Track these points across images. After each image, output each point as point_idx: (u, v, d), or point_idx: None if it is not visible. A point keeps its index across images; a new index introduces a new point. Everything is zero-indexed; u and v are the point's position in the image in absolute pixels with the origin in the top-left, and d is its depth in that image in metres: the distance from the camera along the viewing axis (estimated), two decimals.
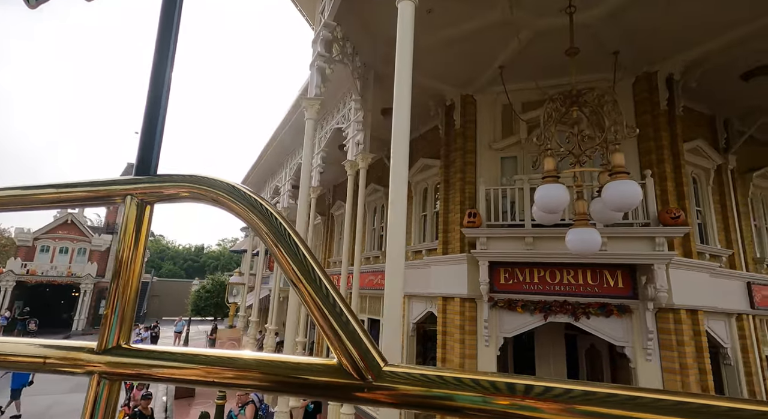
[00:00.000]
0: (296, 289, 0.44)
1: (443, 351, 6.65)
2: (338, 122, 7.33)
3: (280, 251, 0.45)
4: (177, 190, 0.50)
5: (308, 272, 0.44)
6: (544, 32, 5.50)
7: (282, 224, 0.46)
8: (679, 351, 5.32)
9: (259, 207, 0.47)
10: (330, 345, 0.43)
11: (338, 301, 0.43)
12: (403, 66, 2.35)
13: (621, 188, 3.56)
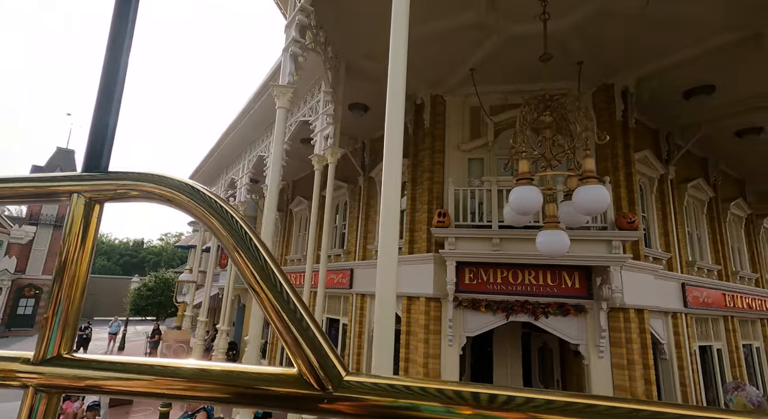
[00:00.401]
0: (256, 295, 0.42)
1: (406, 350, 6.61)
2: (305, 114, 7.04)
3: (240, 255, 0.43)
4: (130, 188, 0.47)
5: (269, 277, 0.43)
6: (516, 38, 5.62)
7: (243, 228, 0.45)
8: (627, 347, 5.67)
9: (219, 209, 0.45)
10: (289, 353, 0.41)
11: (299, 307, 0.42)
12: (398, 54, 2.22)
13: (591, 192, 3.68)
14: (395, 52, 2.29)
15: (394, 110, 2.17)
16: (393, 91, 2.24)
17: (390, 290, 1.99)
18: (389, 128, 2.17)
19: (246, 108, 8.91)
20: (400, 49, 2.27)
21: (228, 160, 11.96)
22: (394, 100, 2.20)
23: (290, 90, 4.40)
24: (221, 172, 12.92)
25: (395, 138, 2.14)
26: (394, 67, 2.26)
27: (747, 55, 5.61)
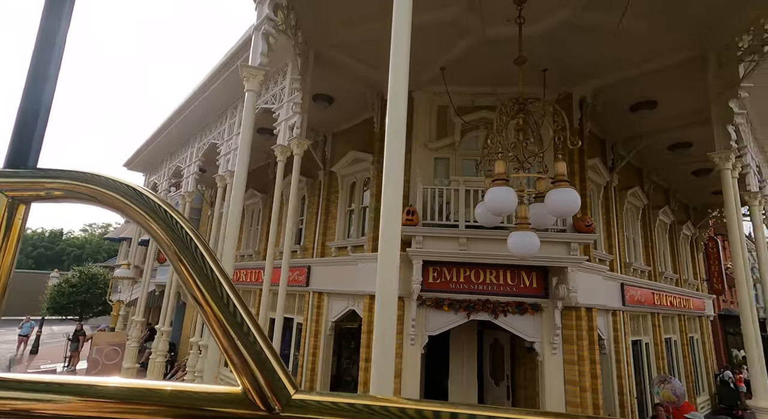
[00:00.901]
0: (199, 308, 0.40)
1: (368, 350, 6.47)
2: (267, 101, 6.62)
3: (184, 265, 0.41)
4: (60, 188, 0.44)
5: (215, 289, 0.41)
6: (489, 40, 5.68)
7: (188, 235, 0.42)
8: (578, 344, 5.99)
9: (161, 214, 0.43)
10: (234, 371, 0.39)
11: (246, 320, 0.40)
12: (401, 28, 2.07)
13: (563, 195, 3.78)
14: (397, 42, 2.13)
15: (397, 99, 2.01)
16: (395, 81, 2.08)
17: (391, 291, 1.83)
18: (392, 114, 2.01)
19: (198, 91, 8.21)
20: (403, 40, 2.11)
21: (173, 146, 11.01)
22: (397, 90, 2.04)
23: (261, 72, 4.05)
24: (165, 159, 11.88)
25: (398, 126, 1.98)
26: (395, 57, 2.10)
27: (689, 74, 6.13)
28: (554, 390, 5.86)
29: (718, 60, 5.31)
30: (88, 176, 0.44)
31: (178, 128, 9.97)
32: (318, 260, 8.53)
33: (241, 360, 0.39)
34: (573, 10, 4.97)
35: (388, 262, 1.83)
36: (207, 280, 0.41)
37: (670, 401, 7.12)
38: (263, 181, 11.65)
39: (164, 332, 8.48)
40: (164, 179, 11.78)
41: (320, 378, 7.81)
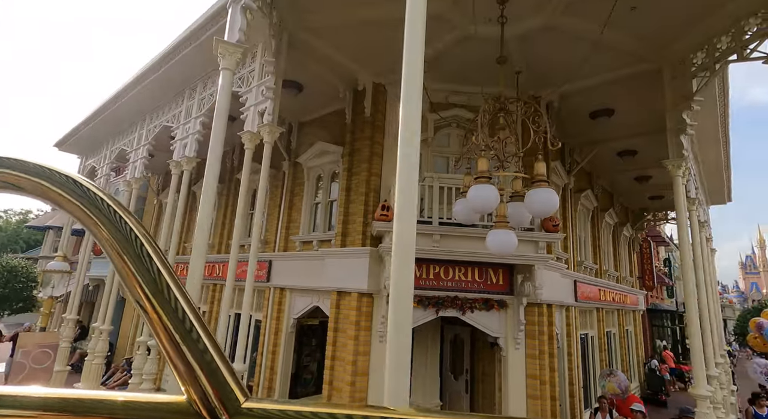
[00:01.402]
0: (143, 312, 0.37)
1: (334, 348, 6.30)
2: (237, 81, 6.15)
3: (127, 264, 0.37)
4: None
5: (161, 291, 0.37)
6: (470, 38, 5.68)
7: (133, 231, 0.39)
8: (539, 339, 6.23)
9: (103, 208, 0.39)
10: (178, 379, 0.36)
11: (196, 325, 0.37)
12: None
13: (543, 195, 3.85)
14: (412, 29, 1.99)
15: (410, 100, 1.88)
16: (410, 60, 1.94)
17: (407, 298, 1.70)
18: (406, 114, 1.87)
19: (153, 67, 7.47)
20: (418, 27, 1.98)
21: (118, 127, 10.00)
22: (411, 86, 1.90)
23: (239, 50, 3.70)
24: (107, 140, 10.76)
25: (412, 127, 1.84)
26: (410, 51, 1.96)
27: (645, 86, 6.54)
28: (516, 384, 6.06)
29: (673, 74, 5.70)
30: (13, 163, 0.39)
31: (125, 107, 9.04)
32: (280, 255, 8.17)
33: (188, 368, 0.36)
34: (552, 13, 5.09)
35: (404, 268, 1.69)
36: (153, 282, 0.38)
37: (614, 393, 7.60)
38: (220, 169, 10.98)
39: (103, 331, 7.69)
40: (105, 163, 10.67)
41: (280, 378, 7.51)
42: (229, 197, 10.45)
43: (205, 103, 6.75)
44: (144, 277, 0.38)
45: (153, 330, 0.37)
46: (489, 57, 5.95)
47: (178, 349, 0.37)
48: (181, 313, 0.38)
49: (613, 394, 7.65)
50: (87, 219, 0.39)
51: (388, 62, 6.56)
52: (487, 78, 6.81)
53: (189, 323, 0.38)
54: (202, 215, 3.49)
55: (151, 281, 0.38)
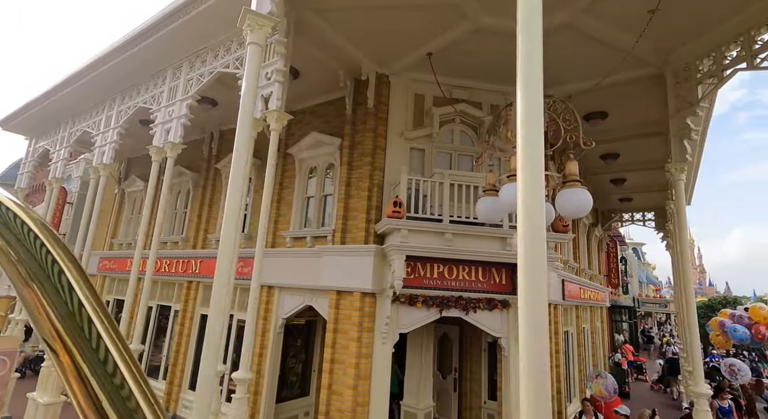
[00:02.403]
0: (52, 352, 0.31)
1: (333, 350, 5.97)
2: (228, 64, 5.62)
3: (36, 293, 0.31)
4: None
5: (79, 328, 0.31)
6: (483, 31, 5.49)
7: (50, 253, 0.32)
8: None
9: (10, 223, 0.31)
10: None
11: (121, 367, 0.32)
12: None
13: (577, 196, 3.75)
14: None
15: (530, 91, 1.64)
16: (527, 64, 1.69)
17: (541, 302, 1.46)
18: (525, 106, 1.63)
19: (128, 43, 6.70)
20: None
21: (80, 106, 8.99)
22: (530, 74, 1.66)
23: (270, 23, 3.28)
24: (65, 121, 9.66)
25: (535, 124, 1.61)
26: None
27: (644, 90, 6.69)
28: (518, 384, 6.01)
29: (676, 79, 5.83)
30: None
31: (89, 85, 8.11)
32: (268, 251, 7.66)
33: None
34: (574, 11, 5.00)
35: (537, 272, 1.45)
36: (70, 316, 0.31)
37: (601, 396, 7.57)
38: (194, 157, 10.25)
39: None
40: (62, 146, 9.57)
41: (267, 381, 7.07)
42: (207, 189, 9.75)
43: (193, 85, 6.13)
44: (59, 310, 0.31)
45: (63, 377, 0.31)
46: (497, 51, 5.84)
47: (92, 399, 0.30)
48: (103, 352, 0.31)
49: (600, 397, 7.58)
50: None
51: (395, 51, 6.27)
52: (491, 74, 6.71)
53: (112, 364, 0.31)
54: (231, 207, 3.08)
55: (67, 313, 0.31)
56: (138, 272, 6.24)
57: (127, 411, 0.31)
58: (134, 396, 0.32)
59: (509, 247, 5.52)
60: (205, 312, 8.82)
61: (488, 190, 4.48)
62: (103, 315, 0.33)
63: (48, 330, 0.31)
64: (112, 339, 0.33)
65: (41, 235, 0.32)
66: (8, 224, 0.32)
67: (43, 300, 0.32)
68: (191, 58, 6.34)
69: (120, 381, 0.32)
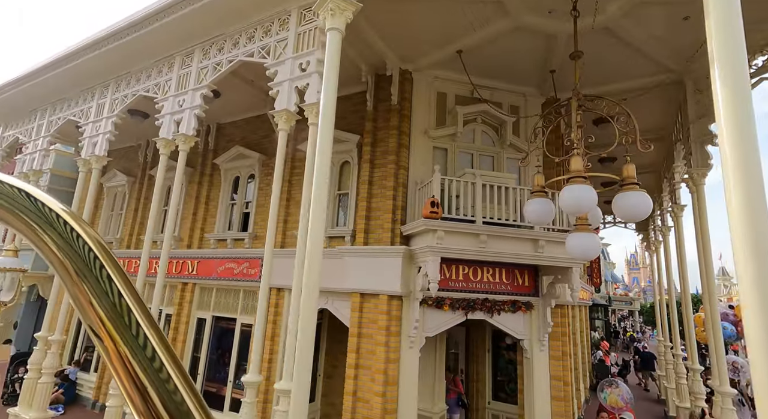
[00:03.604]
0: (99, 342, 0.32)
1: (357, 355, 5.73)
2: (252, 52, 5.25)
3: (81, 287, 0.33)
4: None
5: (120, 316, 0.33)
6: (521, 29, 5.42)
7: (92, 251, 0.35)
8: (562, 340, 6.25)
9: (54, 223, 0.35)
10: (135, 414, 0.32)
11: (165, 360, 0.33)
12: None
13: (636, 199, 3.71)
14: None
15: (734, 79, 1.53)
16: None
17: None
18: (730, 103, 1.51)
19: (128, 27, 6.16)
20: None
21: (62, 92, 8.24)
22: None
23: (351, 8, 3.00)
24: (43, 108, 8.82)
25: (747, 125, 1.49)
26: None
27: (657, 96, 6.85)
28: (541, 386, 6.01)
29: (696, 86, 5.99)
30: None
31: (78, 70, 7.42)
32: (278, 251, 7.29)
33: (150, 411, 0.31)
34: (614, 13, 5.01)
35: None
36: (113, 308, 0.33)
37: (617, 407, 6.79)
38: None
39: (53, 342, 6.25)
40: (40, 135, 8.74)
41: None
42: (203, 185, 9.21)
43: (208, 74, 5.70)
44: (103, 301, 0.33)
45: (108, 361, 0.32)
46: (526, 51, 5.79)
47: (142, 389, 0.31)
48: (149, 347, 0.33)
49: (616, 408, 6.76)
50: (39, 239, 0.34)
51: (423, 47, 6.10)
52: (513, 74, 6.67)
53: (151, 350, 0.33)
54: (318, 198, 2.80)
55: (110, 305, 0.33)
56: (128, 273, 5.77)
57: (167, 393, 0.32)
58: (172, 380, 0.33)
59: (541, 249, 5.48)
60: (203, 316, 8.34)
61: (537, 191, 4.40)
62: (139, 305, 0.35)
63: (94, 319, 0.33)
64: (149, 326, 0.34)
65: (83, 234, 0.35)
66: (53, 224, 0.35)
67: (88, 293, 0.34)
68: (204, 46, 5.90)
69: (159, 365, 0.33)
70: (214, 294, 8.28)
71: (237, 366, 7.58)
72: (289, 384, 4.07)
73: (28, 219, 0.34)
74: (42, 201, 0.36)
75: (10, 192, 0.35)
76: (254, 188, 8.26)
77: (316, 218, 2.80)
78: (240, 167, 8.59)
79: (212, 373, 8.14)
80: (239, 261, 7.65)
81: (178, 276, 8.65)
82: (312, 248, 2.79)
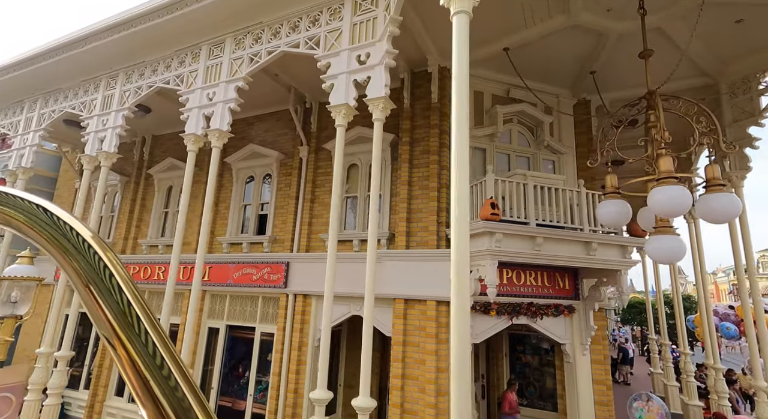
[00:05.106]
0: (111, 348, 0.35)
1: (402, 365, 5.44)
2: (297, 43, 4.90)
3: (92, 295, 0.36)
4: None
5: (131, 325, 0.35)
6: (575, 28, 5.32)
7: (102, 260, 0.37)
8: (602, 343, 6.19)
9: (69, 235, 0.38)
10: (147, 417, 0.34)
11: (167, 360, 0.35)
12: None
13: (725, 201, 3.63)
14: None
15: None
16: None
17: None
18: None
19: (148, 13, 5.65)
20: None
21: (60, 82, 7.53)
22: None
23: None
24: (32, 98, 8.04)
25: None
26: None
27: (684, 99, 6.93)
28: (585, 391, 5.91)
29: (732, 91, 6.09)
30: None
31: (80, 57, 6.80)
32: (302, 255, 6.91)
33: (156, 406, 0.33)
34: (670, 15, 4.99)
35: None
36: (123, 314, 0.35)
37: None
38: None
39: (60, 359, 5.61)
40: (30, 129, 7.96)
41: (306, 403, 6.33)
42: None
43: (243, 65, 5.29)
44: (113, 309, 0.35)
45: (121, 369, 0.34)
46: (570, 51, 5.72)
47: (147, 388, 0.34)
48: (151, 347, 0.35)
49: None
50: (53, 249, 0.37)
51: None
52: (550, 75, 6.60)
53: (160, 358, 0.35)
54: (460, 191, 2.52)
55: (120, 312, 0.35)
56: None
57: (176, 399, 0.34)
58: (180, 387, 0.34)
59: (593, 251, 5.38)
60: (215, 325, 7.81)
61: (610, 193, 4.28)
62: (148, 313, 0.37)
63: (106, 326, 0.35)
64: (158, 334, 0.36)
65: (94, 244, 0.37)
66: (66, 235, 0.37)
67: (99, 300, 0.35)
68: (237, 35, 5.49)
69: (167, 372, 0.34)
70: (228, 302, 7.77)
71: (257, 379, 7.11)
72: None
73: (43, 230, 0.37)
74: (53, 212, 0.38)
75: (28, 207, 0.38)
76: (273, 189, 7.81)
77: (460, 227, 2.52)
78: (254, 166, 8.13)
79: (226, 386, 7.62)
80: (259, 266, 7.20)
81: (187, 283, 8.07)
82: (458, 253, 2.50)
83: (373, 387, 7.71)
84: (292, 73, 6.83)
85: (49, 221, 0.38)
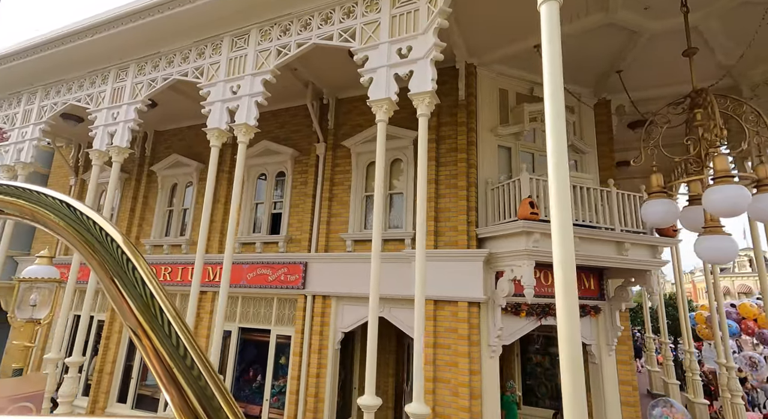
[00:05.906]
0: (137, 338, 0.36)
1: (433, 368, 5.31)
2: (330, 35, 4.72)
3: (117, 288, 0.36)
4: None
5: (155, 317, 0.36)
6: (609, 26, 5.26)
7: (125, 254, 0.38)
8: (627, 344, 6.17)
9: (93, 230, 0.39)
10: (173, 406, 0.35)
11: (190, 351, 0.36)
12: None
13: None
14: None
15: None
16: None
17: None
18: None
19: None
20: None
21: (63, 72, 7.17)
22: None
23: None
24: (31, 89, 7.65)
25: None
26: None
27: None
28: (611, 392, 5.88)
29: (753, 92, 6.13)
30: (6, 188, 0.41)
31: (88, 47, 6.47)
32: (321, 256, 6.72)
33: (182, 396, 0.34)
34: (706, 15, 4.97)
35: None
36: (147, 307, 0.36)
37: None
38: (194, 145, 8.84)
39: (71, 364, 5.31)
40: (28, 123, 7.56)
41: (327, 407, 6.15)
42: (220, 182, 8.38)
43: (271, 57, 5.08)
44: (138, 302, 0.36)
45: (147, 358, 0.35)
46: (600, 49, 5.68)
47: (171, 376, 0.35)
48: (174, 338, 0.36)
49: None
50: (79, 244, 0.38)
51: (495, 41, 5.82)
52: (575, 73, 6.55)
53: (183, 348, 0.36)
54: (560, 186, 2.39)
55: (144, 305, 0.36)
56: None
57: (199, 388, 0.34)
58: (203, 377, 0.35)
59: (625, 251, 5.34)
60: (227, 328, 7.53)
61: (655, 192, 4.23)
62: (170, 305, 0.37)
63: (131, 318, 0.35)
64: (180, 325, 0.36)
65: (117, 239, 0.38)
66: (90, 230, 0.38)
67: (124, 293, 0.36)
68: (263, 26, 5.27)
69: (190, 362, 0.35)
70: (240, 303, 7.52)
71: (273, 383, 6.89)
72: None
73: (69, 225, 0.38)
74: (77, 208, 0.39)
75: (53, 203, 0.39)
76: (287, 187, 7.59)
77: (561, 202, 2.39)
78: (267, 163, 7.89)
79: (237, 390, 7.38)
80: (275, 267, 6.98)
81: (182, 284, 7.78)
82: (563, 252, 2.37)
83: (389, 390, 7.57)
84: (312, 67, 6.63)
85: (72, 216, 0.39)
